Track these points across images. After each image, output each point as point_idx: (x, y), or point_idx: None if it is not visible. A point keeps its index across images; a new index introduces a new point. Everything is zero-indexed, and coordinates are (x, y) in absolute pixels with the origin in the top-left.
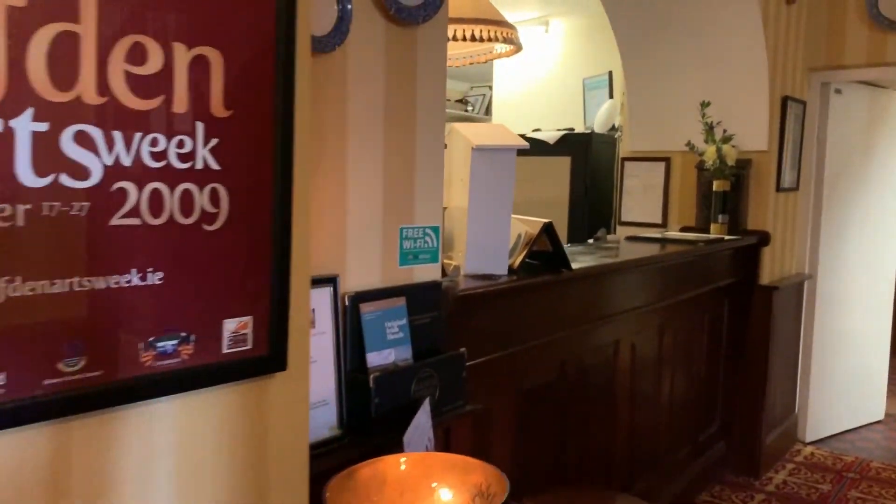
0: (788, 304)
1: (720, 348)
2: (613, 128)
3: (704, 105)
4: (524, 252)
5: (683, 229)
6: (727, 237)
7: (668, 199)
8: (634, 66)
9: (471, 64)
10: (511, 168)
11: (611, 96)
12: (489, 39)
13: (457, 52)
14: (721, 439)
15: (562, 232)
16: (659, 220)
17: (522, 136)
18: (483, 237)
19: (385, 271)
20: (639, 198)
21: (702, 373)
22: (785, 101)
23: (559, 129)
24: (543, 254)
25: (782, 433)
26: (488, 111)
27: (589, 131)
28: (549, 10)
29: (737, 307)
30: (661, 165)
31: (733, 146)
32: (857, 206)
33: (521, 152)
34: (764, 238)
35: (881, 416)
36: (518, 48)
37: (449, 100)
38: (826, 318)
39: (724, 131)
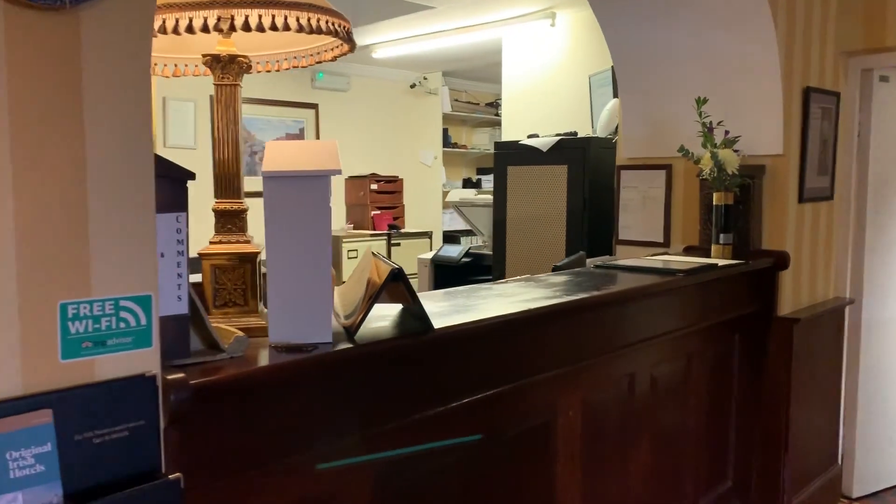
0: (821, 336)
1: (729, 395)
2: (617, 131)
3: (700, 102)
4: (364, 310)
5: (687, 250)
6: (724, 263)
7: (670, 214)
8: (626, 60)
9: (307, 66)
10: (323, 201)
11: (615, 95)
12: (319, 31)
13: (275, 49)
14: (736, 500)
15: (558, 252)
16: (660, 239)
17: (515, 142)
18: (290, 293)
19: (31, 371)
20: (637, 212)
21: (702, 427)
22: (807, 93)
23: (559, 134)
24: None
25: (821, 488)
26: None
27: (586, 136)
28: (554, 1)
29: (750, 344)
30: (662, 174)
31: (736, 151)
32: None
33: (517, 161)
34: (781, 260)
35: None
36: (351, 47)
37: (478, 103)
38: (874, 349)
39: (726, 133)
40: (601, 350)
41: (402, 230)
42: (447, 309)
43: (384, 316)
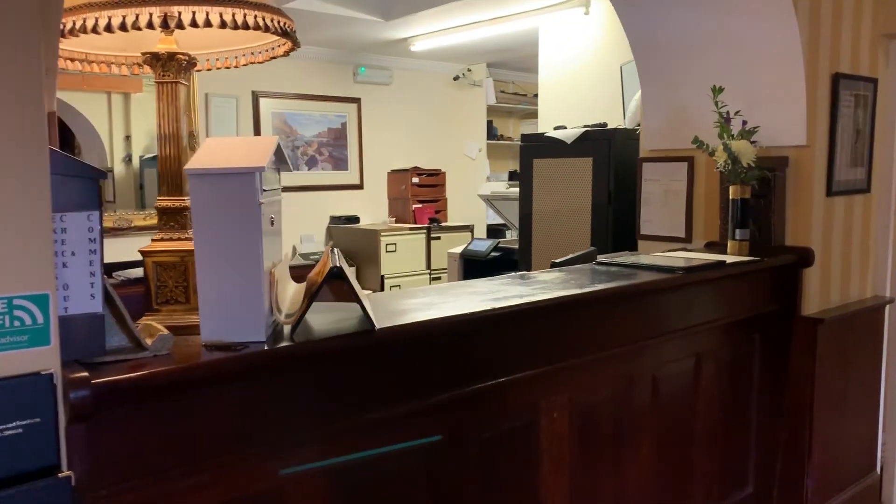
0: (856, 337)
1: (749, 397)
2: None
3: (717, 91)
4: (303, 308)
5: (709, 245)
6: (734, 260)
7: (691, 208)
8: (645, 48)
9: (243, 65)
10: (250, 198)
11: None
12: (257, 27)
13: (220, 47)
14: None
15: (584, 247)
16: (682, 234)
17: (540, 134)
18: (219, 292)
19: None
20: (659, 206)
21: (716, 431)
22: (836, 79)
23: (588, 126)
24: None
25: (856, 496)
26: None
27: (612, 128)
28: None
29: (772, 344)
30: (683, 167)
31: (753, 142)
32: None
33: (543, 153)
34: (804, 257)
35: None
36: (294, 44)
37: (525, 94)
38: None
39: (744, 123)
40: (587, 350)
41: (444, 224)
42: (412, 306)
43: (340, 313)
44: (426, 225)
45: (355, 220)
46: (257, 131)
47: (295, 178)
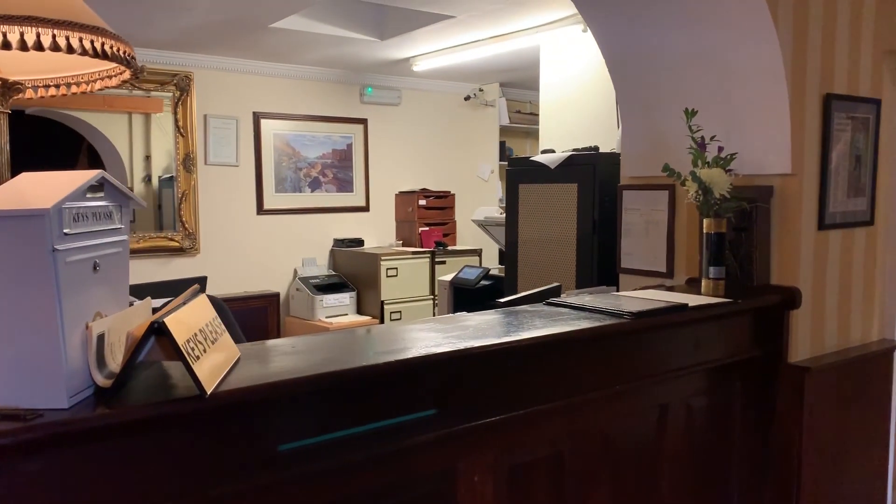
0: (857, 386)
1: (728, 454)
2: None
3: (689, 114)
4: (120, 369)
5: (689, 282)
6: (700, 302)
7: (673, 241)
8: (622, 68)
9: (75, 93)
10: (40, 244)
11: None
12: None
13: (55, 73)
14: None
15: (569, 278)
16: (663, 269)
17: (526, 158)
18: (12, 351)
19: None
20: (639, 238)
21: (686, 493)
22: (828, 100)
23: (577, 149)
24: None
25: None
26: None
27: (597, 152)
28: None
29: (756, 395)
30: (665, 196)
31: (730, 170)
32: None
33: (528, 178)
34: (790, 297)
35: None
36: (133, 72)
37: (520, 112)
38: None
39: (720, 149)
40: (515, 405)
41: (450, 248)
42: (280, 363)
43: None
44: (431, 249)
45: (359, 242)
46: (258, 153)
47: (297, 201)
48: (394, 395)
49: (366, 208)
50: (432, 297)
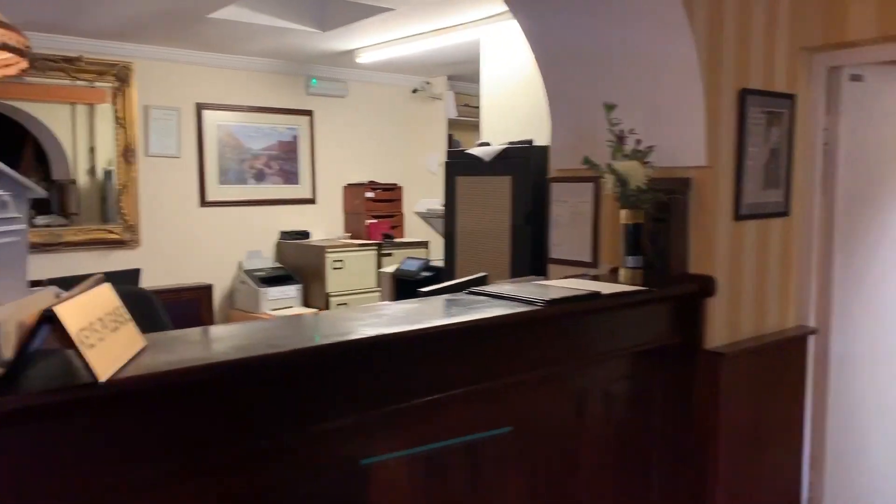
0: (772, 371)
1: (649, 440)
2: None
3: (609, 109)
4: (12, 356)
5: (613, 271)
6: (613, 290)
7: (598, 232)
8: (549, 61)
9: None
10: None
11: None
12: None
13: None
14: None
15: (504, 269)
16: (589, 258)
17: (462, 151)
18: None
19: None
20: (567, 229)
21: (607, 478)
22: (743, 95)
23: (513, 143)
24: None
25: None
26: None
27: (530, 146)
28: None
29: (675, 381)
30: (589, 188)
31: (647, 162)
32: (893, 232)
33: (465, 171)
34: (706, 286)
35: None
36: (29, 62)
37: (468, 105)
38: (846, 384)
39: (638, 142)
40: (429, 391)
41: (397, 240)
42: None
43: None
44: (378, 241)
45: (305, 235)
46: (201, 144)
47: (242, 193)
48: (302, 383)
49: (312, 200)
50: (379, 289)
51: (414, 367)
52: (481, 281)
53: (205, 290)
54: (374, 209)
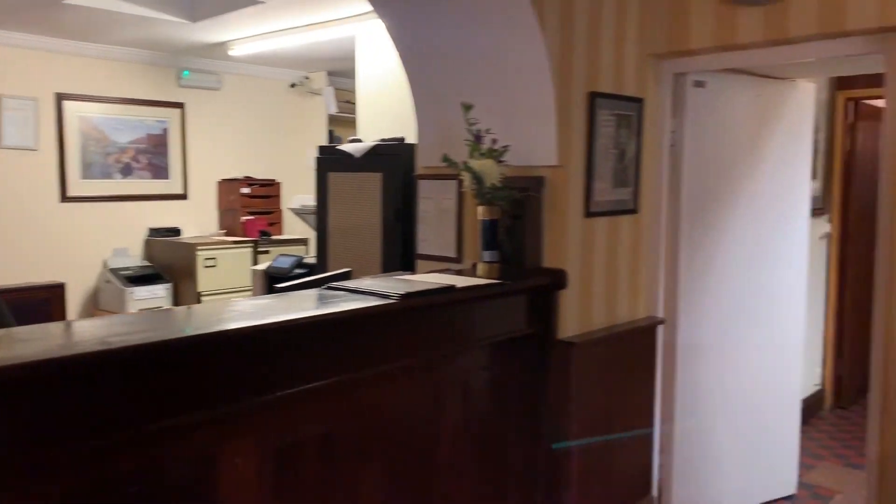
0: (623, 359)
1: (507, 427)
2: None
3: (466, 108)
4: None
5: (474, 266)
6: (467, 283)
7: (462, 228)
8: (413, 60)
9: None
10: None
11: None
12: None
13: None
14: None
15: (375, 266)
16: (453, 254)
17: (333, 146)
18: None
19: None
20: (433, 225)
21: (467, 467)
22: (593, 98)
23: (385, 139)
24: None
25: None
26: None
27: (401, 143)
28: None
29: (531, 371)
30: (453, 185)
31: (502, 161)
32: (734, 228)
33: (336, 167)
34: (558, 279)
35: (792, 490)
36: None
37: (350, 101)
38: (692, 371)
39: (494, 141)
40: (277, 386)
41: (275, 237)
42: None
43: None
44: (254, 238)
45: (176, 232)
46: (61, 137)
47: (107, 188)
48: (146, 380)
49: (184, 196)
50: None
51: (264, 362)
52: (344, 276)
53: (57, 290)
54: (251, 205)
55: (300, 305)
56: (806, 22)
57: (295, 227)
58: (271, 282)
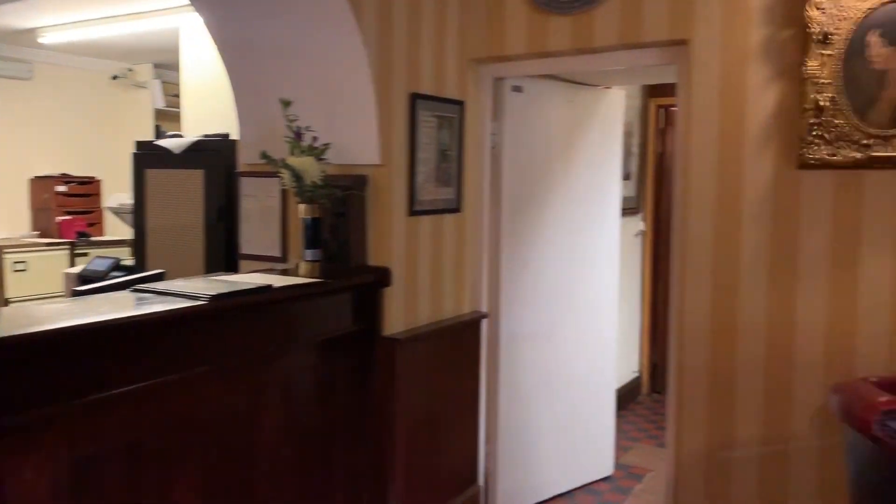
0: (448, 354)
1: (335, 424)
2: None
3: (285, 105)
4: None
5: (298, 265)
6: (287, 282)
7: (286, 227)
8: (231, 53)
9: None
10: None
11: None
12: None
13: None
14: None
15: (198, 267)
16: (278, 253)
17: (151, 142)
18: None
19: None
20: (257, 224)
21: (290, 467)
22: (414, 99)
23: (208, 135)
24: None
25: None
26: None
27: (224, 139)
28: None
29: (359, 368)
30: (276, 183)
31: (322, 159)
32: (552, 226)
33: (155, 163)
34: (382, 276)
35: (610, 471)
36: None
37: (178, 95)
38: (514, 364)
39: (315, 139)
40: (71, 397)
41: (95, 238)
42: None
43: None
44: (72, 240)
45: None
46: None
47: None
48: None
49: None
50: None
51: (56, 370)
52: (156, 277)
53: None
54: (68, 205)
55: (97, 309)
56: (609, 33)
57: (118, 229)
58: (86, 285)
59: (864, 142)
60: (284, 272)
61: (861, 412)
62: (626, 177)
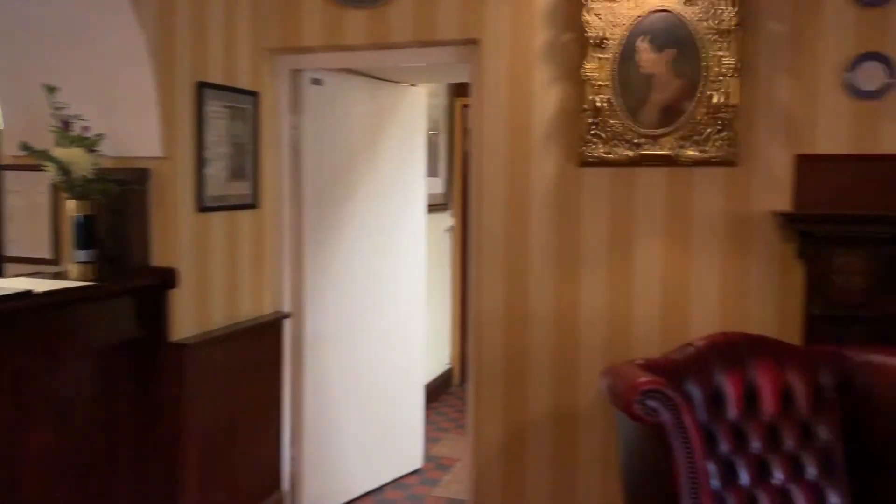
0: (248, 357)
1: (118, 439)
2: None
3: (50, 91)
4: None
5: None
6: (51, 287)
7: (58, 225)
8: None
9: None
10: None
11: None
12: None
13: None
14: None
15: None
16: (49, 255)
17: None
18: None
19: None
20: (25, 223)
21: (70, 489)
22: (201, 88)
23: None
24: None
25: None
26: None
27: None
28: None
29: (142, 376)
30: (45, 177)
31: (95, 150)
32: (356, 223)
33: None
34: (167, 278)
35: (419, 464)
36: None
37: None
38: (319, 364)
39: (85, 129)
40: None
41: None
42: None
43: None
44: None
45: None
46: None
47: None
48: None
49: None
50: None
51: None
52: None
53: None
54: None
55: None
56: (403, 29)
57: None
58: None
59: (636, 141)
60: (57, 275)
61: (623, 392)
62: (435, 174)
